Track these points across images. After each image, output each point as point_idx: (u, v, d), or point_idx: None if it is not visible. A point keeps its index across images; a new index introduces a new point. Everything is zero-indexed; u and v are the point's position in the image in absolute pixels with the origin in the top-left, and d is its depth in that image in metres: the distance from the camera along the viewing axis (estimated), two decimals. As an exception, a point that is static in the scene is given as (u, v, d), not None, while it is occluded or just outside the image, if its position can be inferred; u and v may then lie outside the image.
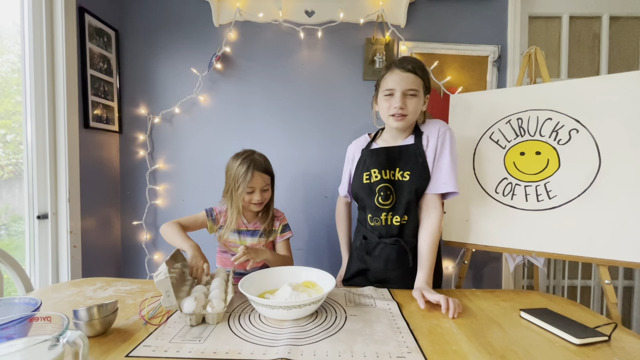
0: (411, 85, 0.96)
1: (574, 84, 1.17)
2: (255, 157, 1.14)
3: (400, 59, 1.01)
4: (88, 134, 1.50)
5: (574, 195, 1.12)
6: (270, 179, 1.17)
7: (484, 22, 1.66)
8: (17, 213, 1.35)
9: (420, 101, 0.99)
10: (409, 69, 0.96)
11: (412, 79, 0.96)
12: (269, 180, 1.15)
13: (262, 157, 1.17)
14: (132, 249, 1.73)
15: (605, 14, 1.68)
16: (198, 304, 0.75)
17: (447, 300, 0.83)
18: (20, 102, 1.30)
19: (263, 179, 1.12)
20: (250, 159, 1.12)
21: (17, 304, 0.66)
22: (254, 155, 1.15)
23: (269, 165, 1.17)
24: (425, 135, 1.04)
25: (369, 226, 1.09)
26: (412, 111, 0.97)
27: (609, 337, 0.70)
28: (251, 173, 1.09)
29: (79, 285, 1.01)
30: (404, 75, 0.96)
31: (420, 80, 0.97)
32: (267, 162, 1.17)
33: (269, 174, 1.16)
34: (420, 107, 1.00)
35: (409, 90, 0.96)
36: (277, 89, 1.69)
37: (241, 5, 1.63)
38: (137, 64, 1.70)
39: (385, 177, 1.03)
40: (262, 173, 1.12)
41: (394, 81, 0.97)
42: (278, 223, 1.23)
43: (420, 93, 0.98)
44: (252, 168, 1.10)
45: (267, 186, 1.15)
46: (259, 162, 1.13)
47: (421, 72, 0.98)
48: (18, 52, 1.31)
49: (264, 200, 1.15)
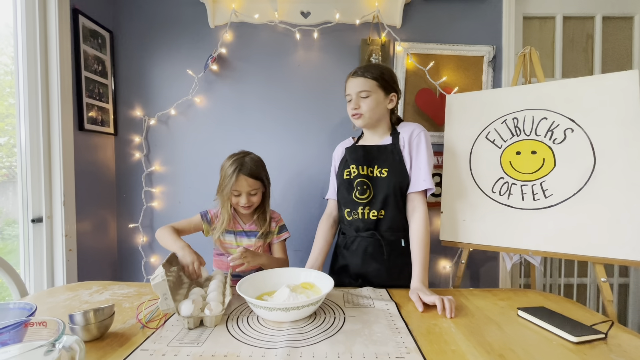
0: (362, 87, 1.06)
1: (568, 84, 1.18)
2: (245, 160, 1.12)
3: (355, 69, 1.10)
4: (83, 136, 1.49)
5: (569, 194, 1.12)
6: (261, 183, 1.15)
7: (479, 23, 1.67)
8: (11, 217, 1.34)
9: (374, 100, 1.07)
10: (359, 74, 1.08)
11: (362, 81, 1.07)
12: (256, 185, 1.13)
13: (253, 160, 1.14)
14: (129, 252, 1.72)
15: (598, 14, 1.70)
16: (196, 306, 0.75)
17: (442, 301, 0.83)
18: (14, 105, 1.29)
19: (249, 183, 1.11)
20: (240, 161, 1.11)
21: (11, 309, 0.65)
22: (245, 158, 1.13)
23: (259, 169, 1.14)
24: (402, 136, 1.10)
25: (346, 221, 1.13)
26: (366, 110, 1.07)
27: (605, 335, 0.71)
28: (236, 176, 1.09)
29: (74, 289, 1.00)
30: (355, 80, 1.08)
31: (371, 82, 1.06)
32: (258, 166, 1.14)
33: (257, 178, 1.13)
34: (377, 105, 1.07)
35: (361, 92, 1.07)
36: (273, 90, 1.69)
37: (237, 6, 1.63)
38: (132, 65, 1.69)
39: (363, 173, 1.09)
40: (248, 177, 1.10)
41: (349, 87, 1.10)
42: (274, 224, 1.23)
43: (373, 93, 1.06)
44: (237, 171, 1.09)
45: (255, 190, 1.13)
46: (247, 166, 1.11)
47: (372, 75, 1.06)
48: (11, 54, 1.29)
49: (251, 204, 1.13)
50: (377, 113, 1.08)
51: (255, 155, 1.18)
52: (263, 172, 1.16)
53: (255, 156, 1.17)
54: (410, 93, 1.66)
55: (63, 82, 1.35)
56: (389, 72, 1.10)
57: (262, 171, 1.16)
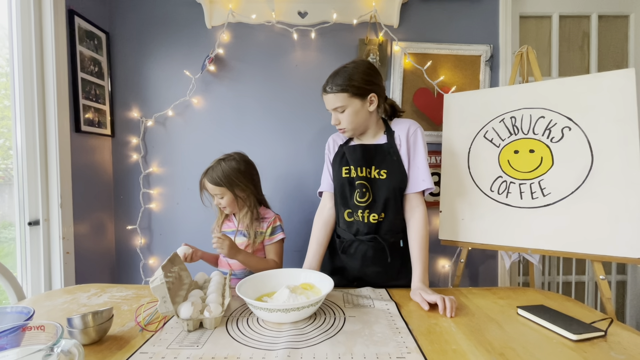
0: (333, 104, 1.01)
1: (565, 83, 1.19)
2: (212, 166, 1.19)
3: (327, 79, 1.04)
4: (79, 138, 1.48)
5: (567, 192, 1.13)
6: (225, 189, 1.16)
7: (475, 22, 1.67)
8: (8, 219, 1.33)
9: (351, 112, 1.01)
10: (327, 91, 1.02)
11: (332, 98, 1.01)
12: (218, 190, 1.17)
13: (219, 168, 1.17)
14: (127, 254, 1.71)
15: (594, 13, 1.70)
16: (195, 308, 0.74)
17: (443, 300, 0.83)
18: (9, 107, 1.28)
19: (211, 188, 1.18)
20: (209, 167, 1.20)
21: (9, 313, 0.65)
22: (214, 164, 1.20)
23: (221, 177, 1.16)
24: (397, 135, 1.07)
25: (345, 223, 1.10)
26: (347, 123, 1.02)
27: (605, 332, 0.71)
28: (201, 180, 1.20)
29: (72, 292, 0.99)
30: (326, 97, 1.03)
31: (341, 95, 0.99)
32: (223, 173, 1.16)
33: (218, 185, 1.16)
34: (356, 115, 1.01)
35: (335, 109, 1.02)
36: (270, 90, 1.69)
37: (234, 7, 1.62)
38: (129, 66, 1.68)
39: (361, 175, 1.05)
40: (209, 183, 1.17)
41: (326, 104, 1.05)
42: (266, 225, 1.22)
43: (347, 106, 1.00)
44: (203, 176, 1.20)
45: (221, 195, 1.18)
46: (209, 173, 1.18)
47: (340, 87, 0.98)
48: (6, 55, 1.28)
49: (223, 206, 1.20)
50: (358, 121, 1.03)
51: (229, 163, 1.19)
52: (226, 179, 1.16)
53: (229, 163, 1.18)
54: (408, 92, 1.66)
55: (59, 84, 1.35)
56: (359, 73, 0.99)
57: (225, 178, 1.16)
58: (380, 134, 1.09)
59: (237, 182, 1.17)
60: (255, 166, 1.28)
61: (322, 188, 1.18)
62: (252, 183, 1.23)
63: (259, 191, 1.28)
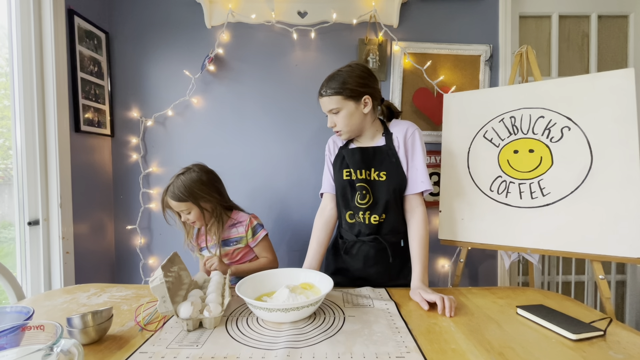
0: (328, 107, 1.03)
1: (565, 82, 1.19)
2: (172, 182, 1.14)
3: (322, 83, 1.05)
4: (79, 137, 1.48)
5: (567, 192, 1.13)
6: (190, 203, 1.13)
7: (475, 22, 1.67)
8: (7, 219, 1.33)
9: (346, 114, 1.02)
10: (322, 95, 1.04)
11: (327, 101, 1.03)
12: (184, 206, 1.13)
13: (179, 183, 1.13)
14: (126, 254, 1.71)
15: (593, 13, 1.71)
16: (195, 308, 0.74)
17: (442, 299, 0.83)
18: (9, 107, 1.28)
19: (175, 205, 1.13)
20: (168, 184, 1.14)
21: (8, 313, 0.65)
22: (173, 180, 1.14)
23: (183, 192, 1.12)
24: (395, 137, 1.07)
25: (347, 224, 1.11)
26: (342, 125, 1.04)
27: (604, 332, 0.71)
28: (163, 199, 1.15)
29: (72, 292, 0.99)
30: (321, 101, 1.05)
31: (335, 98, 1.01)
32: (186, 187, 1.12)
33: (181, 200, 1.12)
34: (350, 117, 1.02)
35: (330, 111, 1.04)
36: (270, 90, 1.69)
37: (233, 7, 1.62)
38: (129, 66, 1.68)
39: (361, 177, 1.06)
40: (172, 200, 1.13)
41: (322, 107, 1.07)
42: (243, 229, 1.21)
43: (342, 108, 1.02)
44: (164, 194, 1.15)
45: (187, 211, 1.14)
46: (171, 190, 1.13)
47: (334, 90, 1.00)
48: (5, 55, 1.28)
49: (192, 220, 1.15)
50: (354, 123, 1.04)
51: (189, 175, 1.15)
52: (189, 193, 1.12)
53: (189, 176, 1.15)
54: (407, 92, 1.66)
55: (59, 84, 1.35)
56: (353, 76, 1.01)
57: (188, 192, 1.12)
58: (379, 136, 1.09)
59: (201, 194, 1.14)
60: (216, 174, 1.24)
61: (323, 189, 1.19)
62: (217, 192, 1.20)
63: (226, 198, 1.25)
